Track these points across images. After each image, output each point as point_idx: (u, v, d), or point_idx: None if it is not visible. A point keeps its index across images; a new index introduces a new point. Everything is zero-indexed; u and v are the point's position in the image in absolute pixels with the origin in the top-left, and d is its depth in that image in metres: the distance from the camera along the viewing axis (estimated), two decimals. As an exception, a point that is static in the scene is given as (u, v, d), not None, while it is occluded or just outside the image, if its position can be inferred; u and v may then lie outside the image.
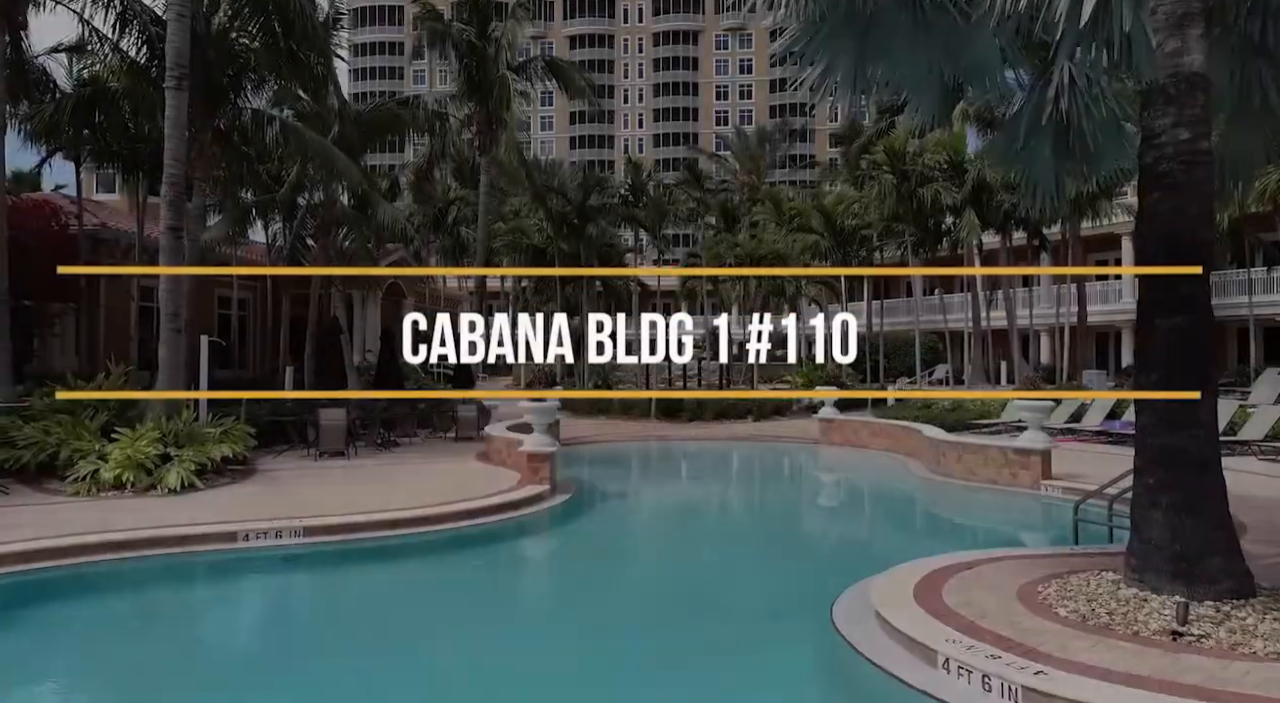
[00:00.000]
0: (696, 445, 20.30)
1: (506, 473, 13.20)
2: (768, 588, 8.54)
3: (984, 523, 12.20)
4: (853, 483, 16.86)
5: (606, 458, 18.30)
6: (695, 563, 9.95)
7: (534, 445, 12.32)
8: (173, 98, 11.99)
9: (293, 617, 7.98)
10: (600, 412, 26.28)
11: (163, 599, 8.04)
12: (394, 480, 13.04)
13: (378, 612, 7.73)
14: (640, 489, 16.60)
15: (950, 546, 10.80)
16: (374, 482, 12.90)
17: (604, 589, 8.69)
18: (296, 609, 8.23)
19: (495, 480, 12.53)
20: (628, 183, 26.31)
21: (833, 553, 10.90)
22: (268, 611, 8.19)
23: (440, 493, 11.45)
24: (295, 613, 8.10)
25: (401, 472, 14.01)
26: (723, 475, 17.97)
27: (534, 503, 11.39)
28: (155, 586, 8.23)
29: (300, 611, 8.17)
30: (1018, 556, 7.81)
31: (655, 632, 6.99)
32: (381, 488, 12.25)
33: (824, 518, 13.95)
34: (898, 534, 12.43)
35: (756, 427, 23.58)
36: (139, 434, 11.64)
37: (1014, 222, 24.57)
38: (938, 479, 13.98)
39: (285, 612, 8.16)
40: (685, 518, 13.20)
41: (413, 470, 14.18)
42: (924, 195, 23.38)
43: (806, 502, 15.57)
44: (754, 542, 11.19)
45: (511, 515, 10.81)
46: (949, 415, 21.46)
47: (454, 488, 11.93)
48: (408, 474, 13.74)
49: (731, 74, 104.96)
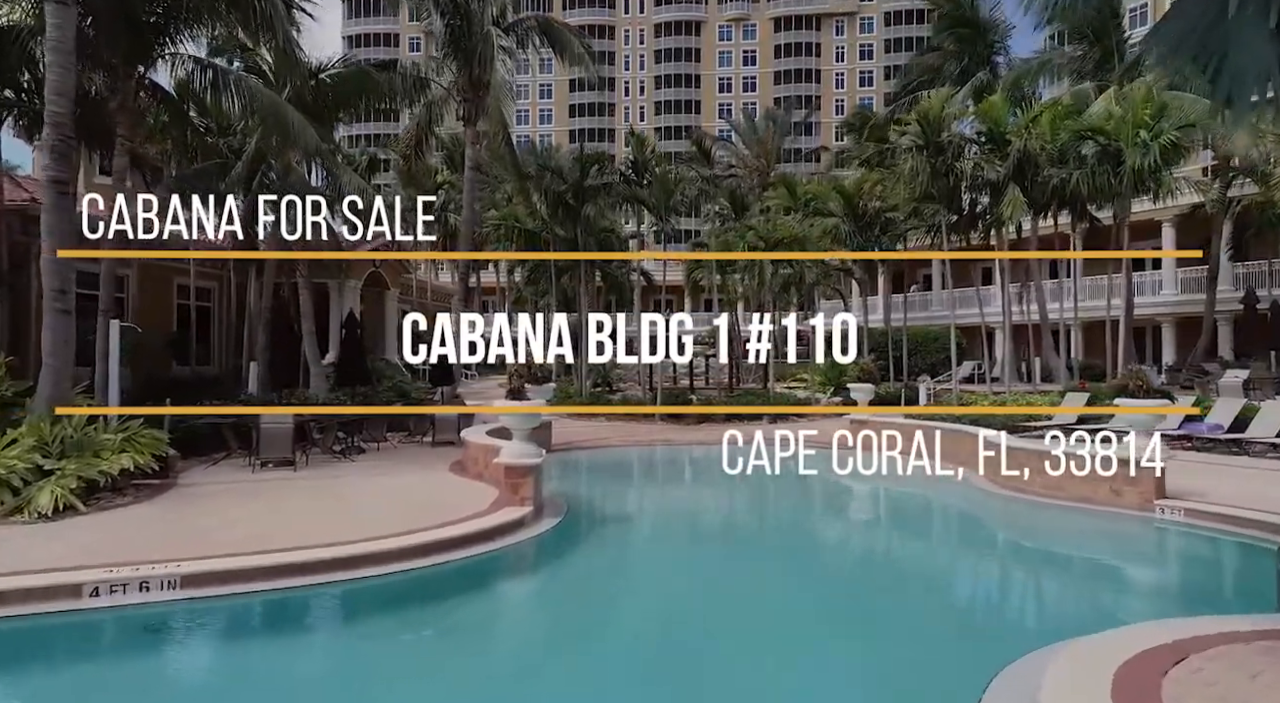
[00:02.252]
0: (707, 452, 17.67)
1: (484, 488, 10.68)
2: (852, 671, 5.86)
3: (1099, 557, 9.39)
4: (905, 501, 13.92)
5: (605, 468, 15.74)
6: (733, 625, 6.99)
7: (514, 456, 9.75)
8: (54, 13, 9.40)
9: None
10: (599, 412, 23.77)
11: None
12: (342, 499, 10.48)
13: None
14: (647, 511, 12.83)
15: (1064, 589, 8.33)
16: (315, 501, 10.33)
17: (608, 669, 5.94)
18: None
19: (469, 498, 9.99)
20: (630, 159, 23.71)
21: (915, 611, 7.56)
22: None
23: (393, 517, 8.91)
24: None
25: (355, 487, 11.45)
26: (745, 491, 14.82)
27: (512, 532, 8.83)
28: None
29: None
30: (1252, 632, 5.17)
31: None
32: (320, 511, 9.69)
33: (885, 554, 10.55)
34: (996, 578, 9.15)
35: (770, 428, 21.03)
36: (4, 441, 9.09)
37: (1061, 202, 21.99)
38: (1006, 495, 11.41)
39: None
40: (708, 554, 9.87)
41: (369, 485, 11.62)
42: (961, 170, 20.85)
43: (857, 529, 12.12)
44: (802, 590, 8.22)
45: (481, 550, 8.24)
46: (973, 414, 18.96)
47: (414, 509, 9.39)
48: (361, 490, 11.19)
49: (734, 66, 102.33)
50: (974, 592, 8.66)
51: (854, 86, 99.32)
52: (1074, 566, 9.41)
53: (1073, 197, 21.64)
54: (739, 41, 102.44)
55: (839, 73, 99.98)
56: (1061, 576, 9.07)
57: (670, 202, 22.88)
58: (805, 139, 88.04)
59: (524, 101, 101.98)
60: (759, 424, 22.30)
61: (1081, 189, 20.90)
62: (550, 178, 24.39)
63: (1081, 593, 8.05)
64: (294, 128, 14.75)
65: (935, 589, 8.40)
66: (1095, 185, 20.69)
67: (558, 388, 26.29)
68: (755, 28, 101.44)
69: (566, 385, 26.98)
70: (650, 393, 24.91)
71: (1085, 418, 18.01)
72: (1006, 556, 10.07)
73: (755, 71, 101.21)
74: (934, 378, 28.21)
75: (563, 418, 23.74)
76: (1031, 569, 9.42)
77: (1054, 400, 20.07)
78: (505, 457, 9.74)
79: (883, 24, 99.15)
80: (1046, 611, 7.74)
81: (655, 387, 24.60)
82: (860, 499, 14.25)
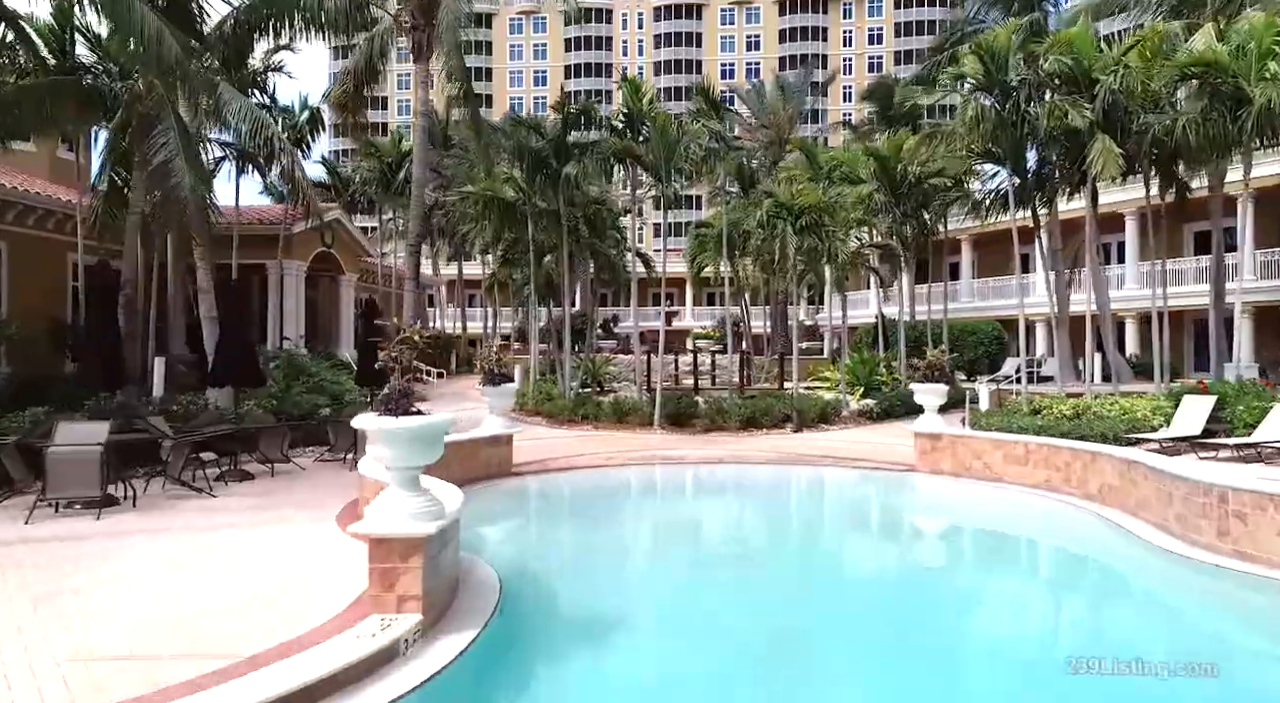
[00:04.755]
0: (722, 476, 13.27)
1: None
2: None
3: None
4: (1050, 575, 8.97)
5: (581, 504, 11.38)
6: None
7: (387, 519, 5.36)
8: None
9: None
10: (587, 418, 19.49)
11: None
12: (101, 587, 6.18)
13: None
14: (646, 602, 7.39)
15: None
16: (40, 594, 6.03)
17: None
18: None
19: (337, 579, 5.75)
20: (624, 110, 19.41)
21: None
22: None
23: (151, 635, 4.64)
24: None
25: (151, 554, 7.16)
26: (788, 551, 9.45)
27: (370, 675, 4.51)
28: None
29: None
30: None
31: None
32: (37, 617, 5.41)
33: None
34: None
35: (801, 441, 16.76)
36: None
37: (1155, 162, 17.61)
38: (1222, 565, 7.11)
39: None
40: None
41: (180, 549, 7.35)
42: (1035, 118, 16.54)
43: (1006, 644, 6.41)
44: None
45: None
46: (1070, 424, 14.73)
47: (208, 617, 5.14)
48: (149, 565, 6.88)
49: (737, 51, 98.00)
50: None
51: (862, 72, 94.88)
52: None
53: (1174, 152, 17.37)
54: (741, 25, 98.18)
55: (846, 58, 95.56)
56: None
57: (673, 160, 18.55)
58: (812, 127, 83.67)
59: (517, 88, 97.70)
60: (783, 433, 18.02)
61: (1188, 139, 16.56)
62: (527, 135, 20.11)
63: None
64: (145, 27, 10.46)
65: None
66: (1207, 135, 16.34)
67: (534, 390, 22.02)
68: (759, 11, 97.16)
69: (548, 385, 22.71)
70: (648, 395, 20.65)
71: (1211, 430, 13.80)
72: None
73: (759, 57, 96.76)
74: (989, 379, 23.91)
75: (540, 426, 19.47)
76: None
77: (1161, 406, 15.82)
78: (373, 525, 5.32)
79: (891, 6, 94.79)
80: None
81: (653, 388, 20.33)
82: (968, 567, 9.13)
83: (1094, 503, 9.70)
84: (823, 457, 14.16)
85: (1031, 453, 10.82)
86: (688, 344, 35.75)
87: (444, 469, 9.97)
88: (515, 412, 21.73)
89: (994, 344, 31.25)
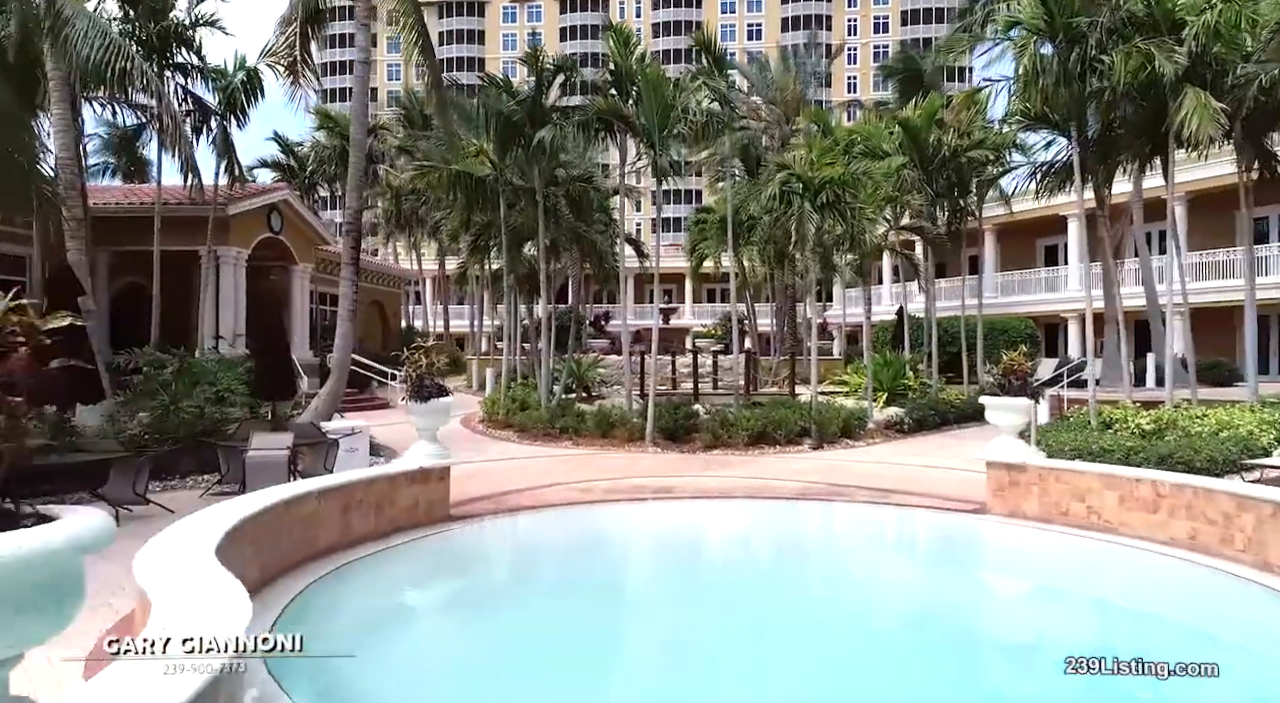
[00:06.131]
0: (731, 524, 9.97)
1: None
2: None
3: None
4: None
5: (523, 585, 7.92)
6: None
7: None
8: None
9: None
10: (566, 432, 16.43)
11: None
12: None
13: None
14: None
15: None
16: None
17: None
18: None
19: None
20: (611, 67, 16.35)
21: None
22: None
23: None
24: None
25: None
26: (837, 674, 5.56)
27: None
28: None
29: None
30: None
31: None
32: None
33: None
34: None
35: (824, 463, 13.70)
36: None
37: (1247, 122, 14.54)
38: None
39: None
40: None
41: None
42: (1110, 68, 13.46)
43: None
44: None
45: None
46: (1168, 445, 11.73)
47: None
48: None
49: (739, 40, 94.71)
50: None
51: (867, 62, 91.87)
52: None
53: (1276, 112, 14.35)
54: (744, 14, 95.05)
55: (851, 47, 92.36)
56: None
57: (668, 125, 15.51)
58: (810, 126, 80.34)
59: (513, 81, 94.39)
60: (800, 450, 14.99)
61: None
62: (497, 96, 17.06)
63: None
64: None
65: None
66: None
67: (506, 398, 18.95)
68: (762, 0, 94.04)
69: (526, 391, 19.65)
70: (640, 401, 17.64)
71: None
72: None
73: (760, 47, 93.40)
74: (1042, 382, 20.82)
75: (510, 443, 16.41)
76: None
77: (1269, 419, 12.77)
78: None
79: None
80: None
81: (646, 394, 17.29)
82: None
83: (1258, 570, 6.74)
84: (857, 488, 11.09)
85: (1166, 497, 7.74)
86: (687, 343, 32.66)
87: (324, 529, 6.94)
88: (483, 424, 18.68)
89: (1027, 343, 28.17)
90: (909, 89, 29.25)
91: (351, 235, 13.90)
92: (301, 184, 26.68)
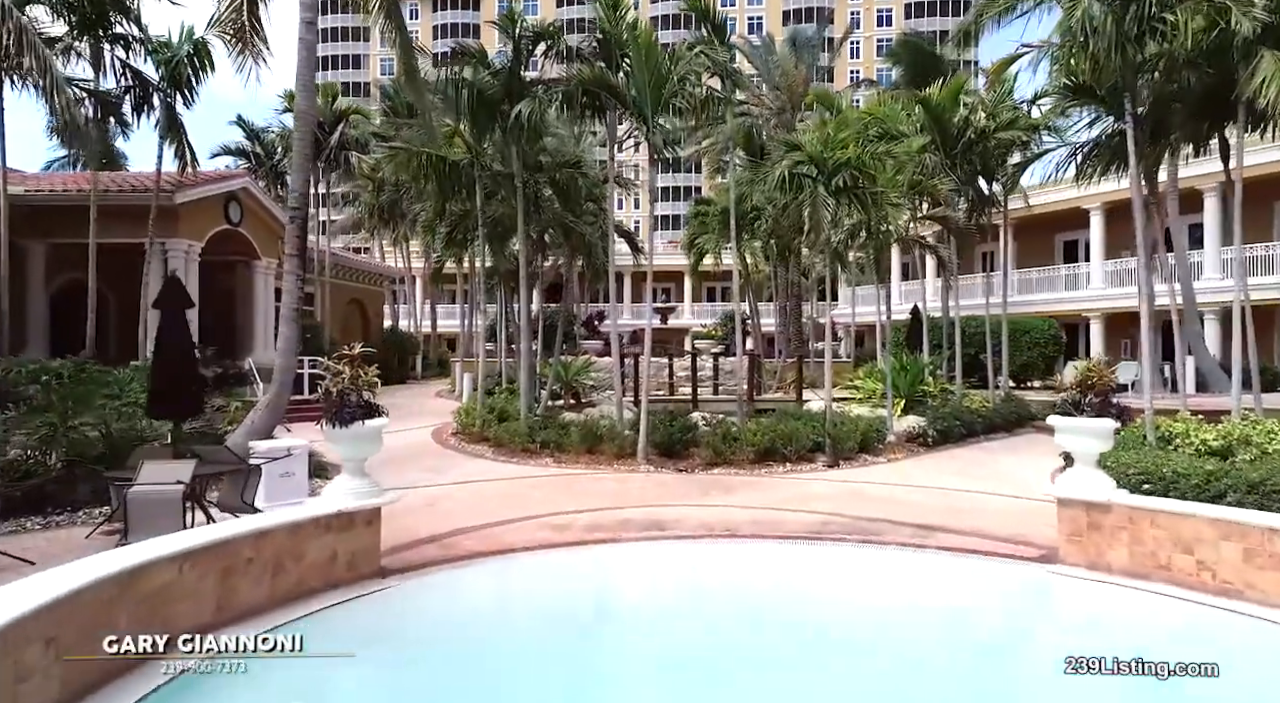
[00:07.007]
0: (737, 576, 7.83)
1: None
2: None
3: None
4: None
5: (470, 655, 5.93)
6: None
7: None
8: None
9: None
10: (547, 447, 14.51)
11: None
12: None
13: None
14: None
15: None
16: None
17: None
18: None
19: None
20: (599, 34, 14.45)
21: None
22: None
23: None
24: None
25: None
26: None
27: None
28: None
29: None
30: None
31: None
32: None
33: None
34: None
35: (842, 485, 11.79)
36: None
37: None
38: None
39: None
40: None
41: None
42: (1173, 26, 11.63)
43: None
44: None
45: None
46: (1244, 472, 9.81)
47: None
48: None
49: (738, 33, 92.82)
50: None
51: (870, 56, 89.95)
52: None
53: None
54: (744, 8, 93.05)
55: (853, 41, 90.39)
56: None
57: (661, 98, 13.61)
58: (814, 114, 78.36)
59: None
60: (813, 468, 13.09)
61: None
62: (470, 69, 15.16)
63: None
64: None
65: None
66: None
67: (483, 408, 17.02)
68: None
69: (506, 398, 17.74)
70: (633, 410, 15.75)
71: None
72: None
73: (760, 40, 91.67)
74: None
75: (485, 459, 14.47)
76: None
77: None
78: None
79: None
80: None
81: (640, 400, 15.38)
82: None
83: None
84: (887, 522, 9.20)
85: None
86: (686, 345, 30.74)
87: (188, 603, 4.79)
88: (456, 437, 16.77)
89: (1051, 345, 26.30)
90: (915, 79, 27.36)
91: (297, 222, 11.99)
92: (268, 173, 24.77)
